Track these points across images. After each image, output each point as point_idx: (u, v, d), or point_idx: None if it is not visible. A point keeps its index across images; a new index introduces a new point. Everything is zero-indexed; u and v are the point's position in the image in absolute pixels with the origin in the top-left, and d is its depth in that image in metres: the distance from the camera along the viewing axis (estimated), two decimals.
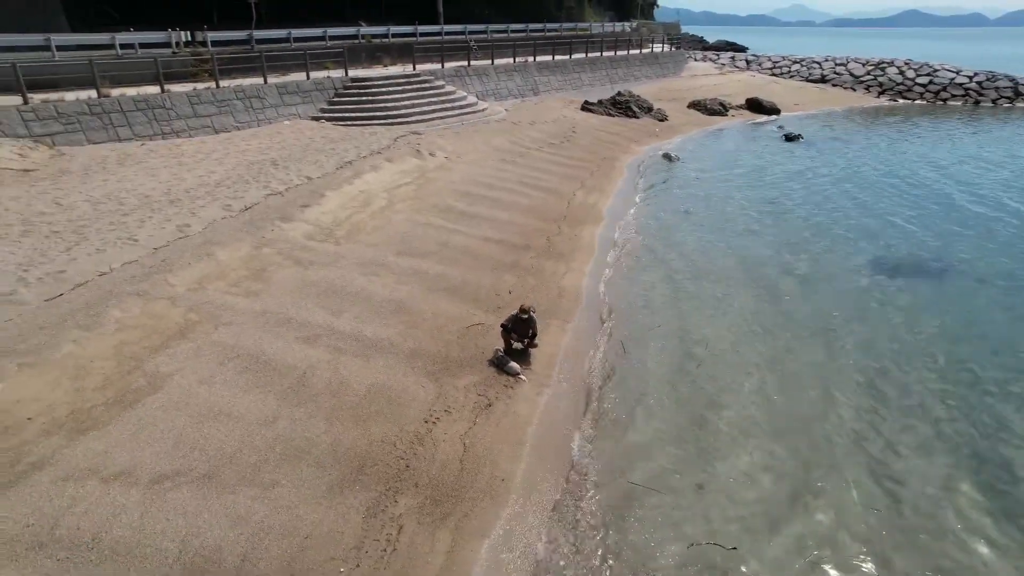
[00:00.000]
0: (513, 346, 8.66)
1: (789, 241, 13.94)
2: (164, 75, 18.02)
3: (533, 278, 11.28)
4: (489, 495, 6.21)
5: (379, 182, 15.02)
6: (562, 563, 5.59)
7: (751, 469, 6.86)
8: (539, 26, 37.41)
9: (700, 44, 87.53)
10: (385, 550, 5.41)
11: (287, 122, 20.10)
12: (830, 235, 14.35)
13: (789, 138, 26.58)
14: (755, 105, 33.79)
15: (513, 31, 35.27)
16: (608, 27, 44.30)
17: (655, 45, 44.19)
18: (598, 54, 36.76)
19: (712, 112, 32.03)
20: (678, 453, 7.12)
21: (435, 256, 11.50)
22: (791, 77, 46.54)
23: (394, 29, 28.97)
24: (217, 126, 18.28)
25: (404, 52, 27.18)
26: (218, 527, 5.34)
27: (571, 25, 40.52)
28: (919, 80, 41.73)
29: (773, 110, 33.60)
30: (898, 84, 41.91)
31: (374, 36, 28.31)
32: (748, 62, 51.12)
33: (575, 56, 34.93)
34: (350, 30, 27.57)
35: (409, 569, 5.27)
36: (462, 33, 32.17)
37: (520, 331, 8.61)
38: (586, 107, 29.26)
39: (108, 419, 6.31)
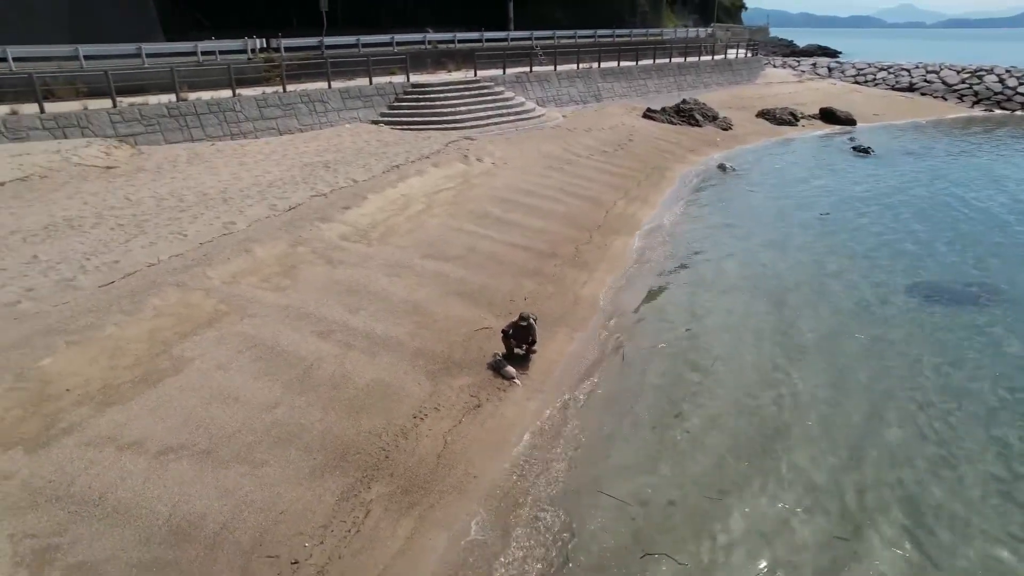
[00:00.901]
0: (514, 351, 9.04)
1: (828, 260, 13.53)
2: (238, 80, 19.55)
3: (552, 286, 11.59)
4: (458, 490, 6.63)
5: (421, 186, 15.71)
6: (512, 560, 5.93)
7: (727, 492, 6.89)
8: (608, 32, 37.40)
9: (788, 49, 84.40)
10: (349, 531, 5.93)
11: (348, 125, 21.24)
12: (872, 256, 13.83)
13: (858, 151, 25.49)
14: (828, 115, 32.49)
15: (581, 37, 35.44)
16: (680, 32, 43.63)
17: (731, 51, 43.21)
18: (667, 60, 36.37)
19: (781, 122, 31.08)
20: (657, 467, 7.24)
21: (460, 260, 12.00)
22: (876, 85, 44.34)
23: (460, 35, 29.84)
24: (281, 128, 19.63)
25: (469, 58, 27.95)
26: (207, 497, 6.02)
27: (642, 31, 40.22)
28: (1021, 89, 38.85)
29: (848, 121, 32.19)
30: (996, 93, 39.16)
31: (440, 42, 29.27)
32: (830, 69, 49.01)
33: (642, 62, 34.71)
34: (417, 36, 28.64)
35: (367, 550, 5.77)
36: (528, 39, 32.68)
37: (520, 337, 8.98)
38: (648, 114, 29.11)
39: (132, 395, 7.15)
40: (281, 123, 19.70)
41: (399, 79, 24.01)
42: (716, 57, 40.50)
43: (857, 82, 45.62)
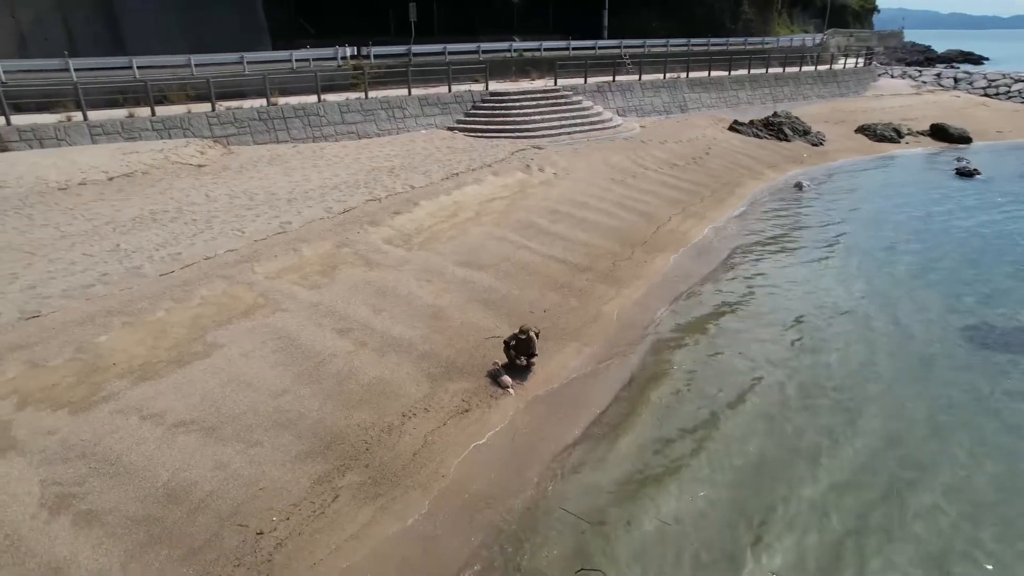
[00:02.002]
0: (516, 362, 9.46)
1: (874, 295, 12.80)
2: (327, 86, 21.16)
3: (576, 300, 11.86)
4: (423, 487, 7.17)
5: (476, 195, 16.37)
6: (457, 558, 6.39)
7: (695, 519, 6.96)
8: (702, 40, 36.56)
9: (923, 55, 78.12)
10: (315, 512, 6.63)
11: (423, 131, 22.35)
12: (928, 291, 12.92)
13: (962, 174, 23.52)
14: (939, 132, 30.09)
15: (673, 45, 34.90)
16: (783, 41, 41.76)
17: (840, 60, 40.85)
18: (763, 71, 35.04)
19: (881, 138, 29.17)
20: (628, 487, 7.43)
21: (492, 269, 12.51)
22: (1009, 98, 40.42)
23: (546, 44, 30.35)
24: (360, 133, 21.03)
25: (555, 66, 28.41)
26: (202, 468, 6.92)
27: (740, 40, 38.93)
28: None
29: (962, 138, 29.68)
30: None
31: (526, 50, 29.91)
32: (956, 80, 45.16)
33: (735, 72, 33.70)
34: (503, 44, 29.45)
35: (325, 529, 6.44)
36: (617, 47, 32.64)
37: (520, 349, 9.39)
38: (734, 127, 28.33)
39: (165, 373, 8.25)
40: (360, 128, 21.11)
41: (478, 87, 24.88)
42: (820, 67, 38.44)
43: (987, 94, 41.78)
